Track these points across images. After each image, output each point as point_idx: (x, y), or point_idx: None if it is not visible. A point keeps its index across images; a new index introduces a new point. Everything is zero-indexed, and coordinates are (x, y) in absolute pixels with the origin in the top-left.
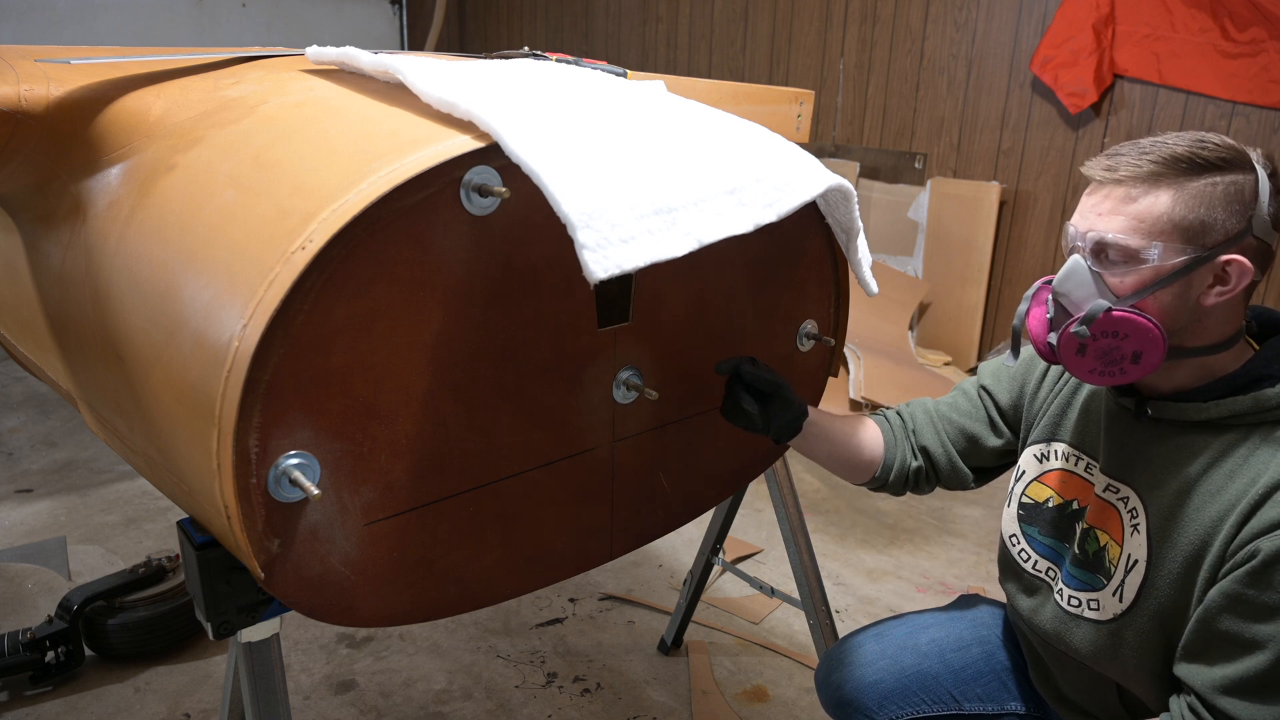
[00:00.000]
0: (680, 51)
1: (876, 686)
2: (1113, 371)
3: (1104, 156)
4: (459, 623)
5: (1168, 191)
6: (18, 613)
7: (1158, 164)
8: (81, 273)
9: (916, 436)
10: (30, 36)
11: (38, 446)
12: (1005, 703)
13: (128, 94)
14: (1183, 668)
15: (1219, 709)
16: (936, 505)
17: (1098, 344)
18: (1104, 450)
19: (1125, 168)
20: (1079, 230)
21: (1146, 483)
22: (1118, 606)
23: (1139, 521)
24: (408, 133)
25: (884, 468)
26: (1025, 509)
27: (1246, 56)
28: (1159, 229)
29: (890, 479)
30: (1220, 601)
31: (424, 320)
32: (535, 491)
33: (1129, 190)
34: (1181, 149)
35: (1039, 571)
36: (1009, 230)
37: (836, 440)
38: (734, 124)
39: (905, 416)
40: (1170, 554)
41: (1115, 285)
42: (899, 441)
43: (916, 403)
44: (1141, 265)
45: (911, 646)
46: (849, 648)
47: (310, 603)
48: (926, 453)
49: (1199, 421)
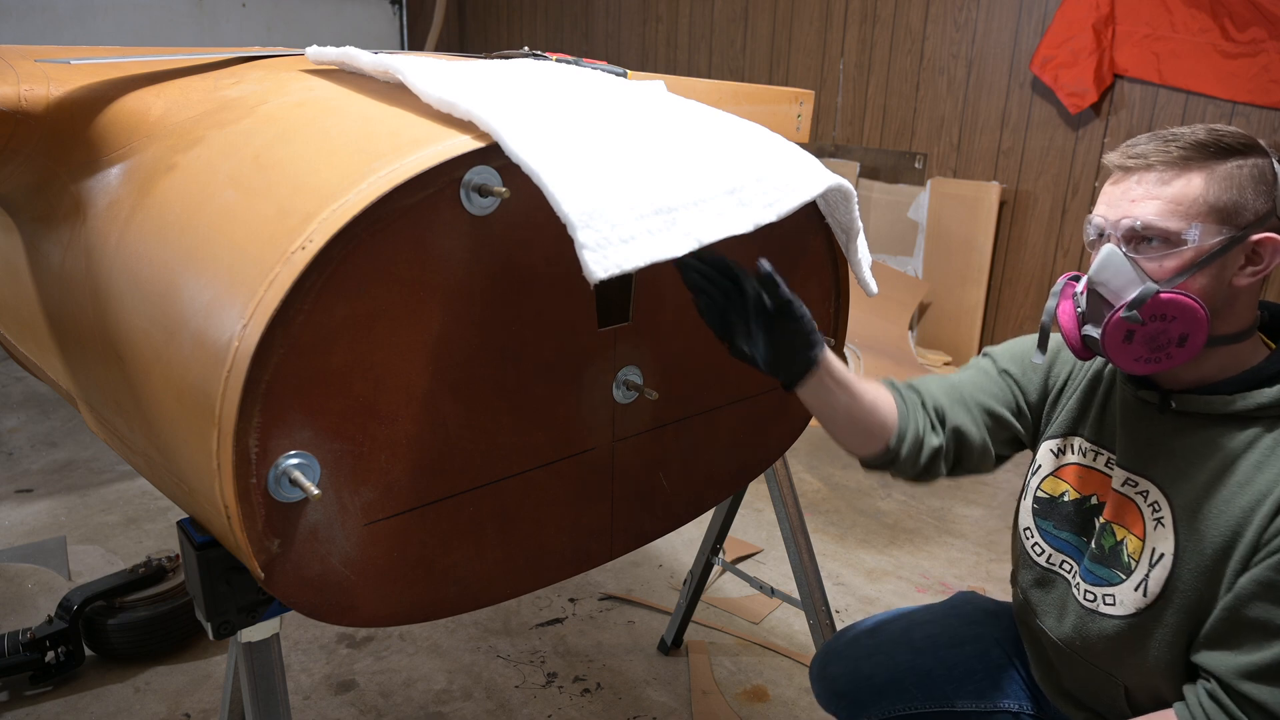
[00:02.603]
0: (680, 51)
1: (871, 680)
2: (1158, 357)
3: (1127, 147)
4: (459, 623)
5: (1199, 175)
6: (18, 613)
7: (1186, 149)
8: (81, 273)
9: (945, 416)
10: (30, 36)
11: (38, 446)
12: (999, 700)
13: (128, 94)
14: (1204, 655)
15: (1242, 694)
16: (936, 505)
17: (1146, 329)
18: (1121, 444)
19: (1155, 154)
20: (1110, 219)
21: (1169, 476)
22: (1140, 601)
23: (1163, 515)
24: (408, 133)
25: (897, 436)
26: (1040, 503)
27: (1246, 56)
28: (1196, 210)
29: (903, 453)
30: (1251, 589)
31: (424, 320)
32: (535, 491)
33: (1160, 175)
34: (1203, 135)
35: (1053, 565)
36: (1009, 230)
37: (855, 394)
38: (734, 124)
39: (921, 391)
40: (1199, 546)
41: (1154, 270)
42: (912, 412)
43: (927, 380)
44: (1181, 248)
45: (906, 642)
46: (844, 641)
47: (310, 603)
48: (960, 434)
49: (1224, 414)
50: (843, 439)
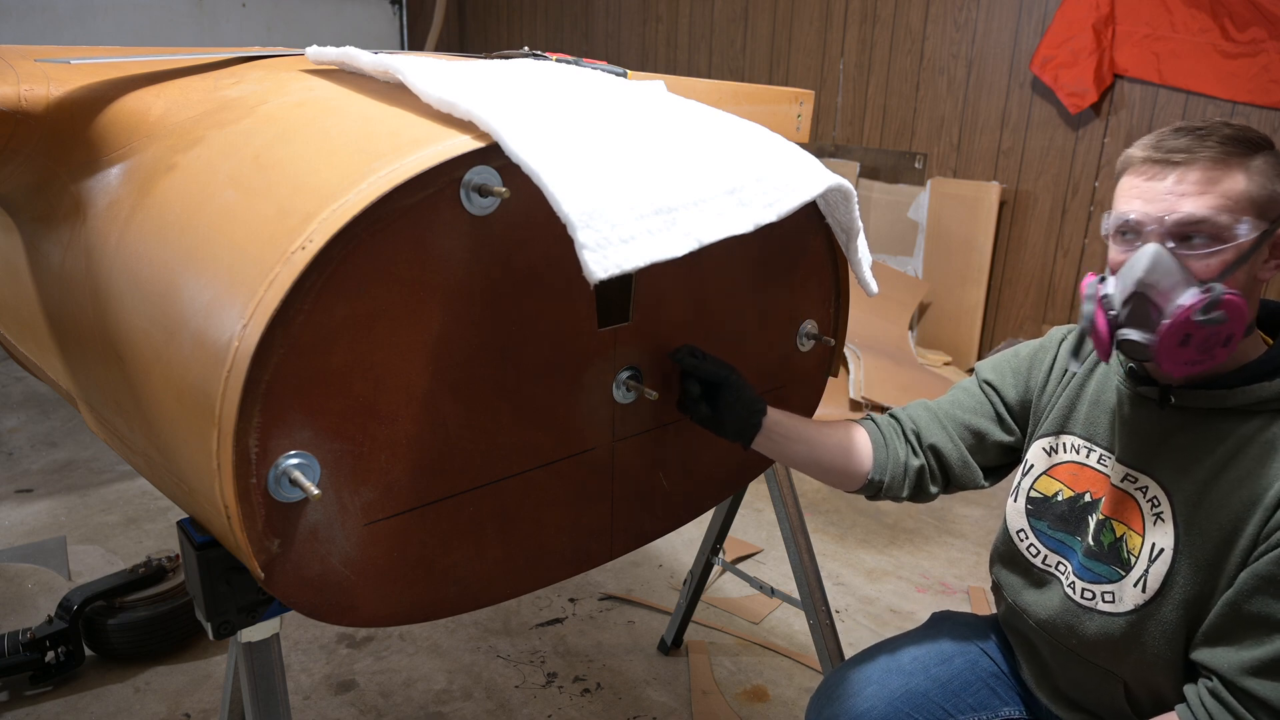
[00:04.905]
0: (680, 51)
1: (869, 715)
2: (1204, 360)
3: (1157, 140)
4: (459, 623)
5: (1239, 170)
6: (18, 613)
7: (1224, 144)
8: (81, 273)
9: (921, 435)
10: (30, 36)
11: (38, 446)
12: (998, 709)
13: (128, 94)
14: (1204, 652)
15: (1245, 690)
16: (936, 505)
17: (1204, 331)
18: (1120, 441)
19: (1200, 148)
20: (1151, 214)
21: (1169, 471)
22: (1139, 597)
23: (1162, 510)
24: (408, 133)
25: (876, 468)
26: (1034, 503)
27: (1246, 56)
28: (1242, 206)
29: (888, 481)
30: (1252, 583)
31: (424, 320)
32: (535, 491)
33: (1205, 172)
34: (1230, 130)
35: (1049, 566)
36: (1009, 230)
37: (814, 442)
38: (734, 124)
39: (901, 418)
40: (1199, 541)
41: (1200, 269)
42: (889, 441)
43: (912, 405)
44: (1227, 245)
45: (895, 668)
46: (834, 681)
47: (310, 603)
48: (936, 450)
49: (1225, 408)
50: (821, 480)
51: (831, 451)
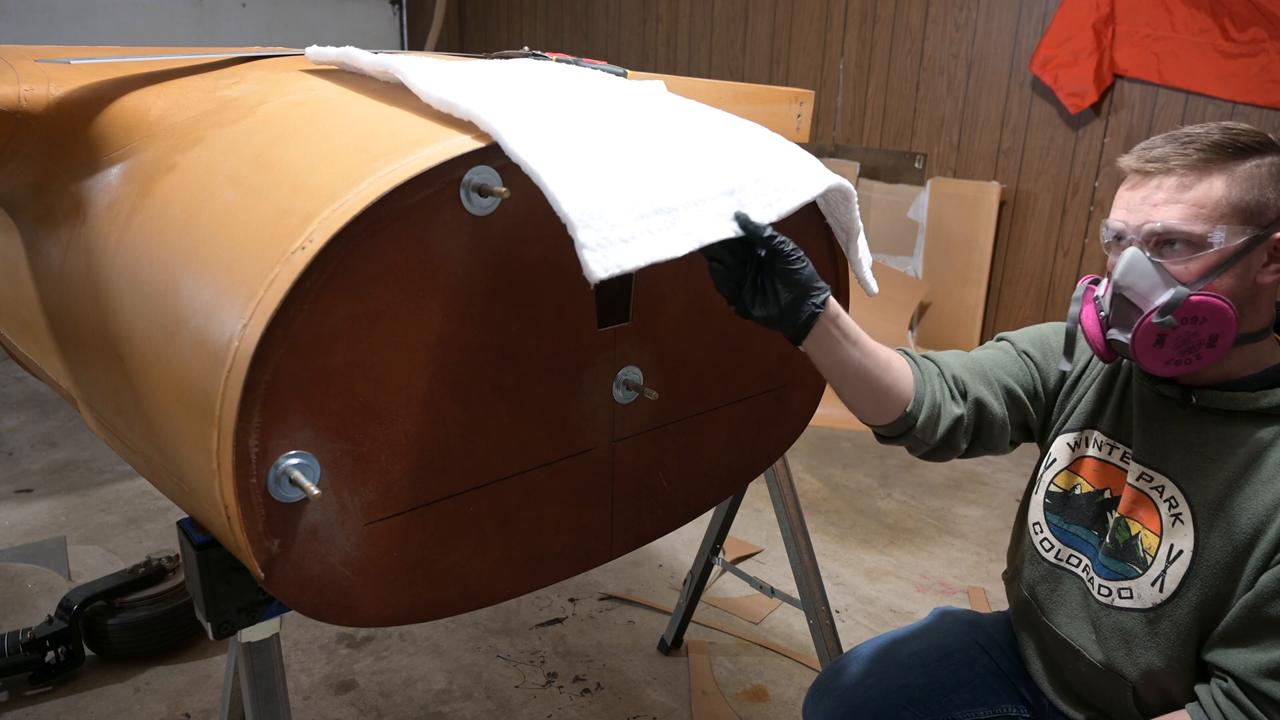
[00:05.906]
0: (680, 51)
1: (866, 707)
2: (1189, 359)
3: (1143, 149)
4: (459, 623)
5: (1219, 176)
6: (18, 613)
7: (1204, 151)
8: (81, 273)
9: (963, 386)
10: (30, 36)
11: (38, 446)
12: (997, 705)
13: (128, 94)
14: (1220, 654)
15: (1261, 691)
16: (936, 505)
17: (1178, 332)
18: (1137, 439)
19: (1174, 157)
20: (1130, 224)
21: (1187, 472)
22: (1157, 596)
23: (1181, 512)
24: (408, 133)
25: (915, 402)
26: (1052, 497)
27: (1246, 56)
28: (1219, 213)
29: (921, 420)
30: (1273, 586)
31: (424, 320)
32: (535, 491)
33: (1180, 179)
34: (1220, 136)
35: (1061, 560)
36: (1009, 230)
37: (868, 351)
38: (734, 124)
39: (936, 360)
40: (1219, 543)
41: (1180, 273)
42: (928, 379)
43: (943, 353)
44: (1206, 250)
45: (894, 662)
46: (832, 674)
47: (310, 603)
48: (981, 406)
49: (1246, 411)
50: (856, 403)
51: (881, 366)
